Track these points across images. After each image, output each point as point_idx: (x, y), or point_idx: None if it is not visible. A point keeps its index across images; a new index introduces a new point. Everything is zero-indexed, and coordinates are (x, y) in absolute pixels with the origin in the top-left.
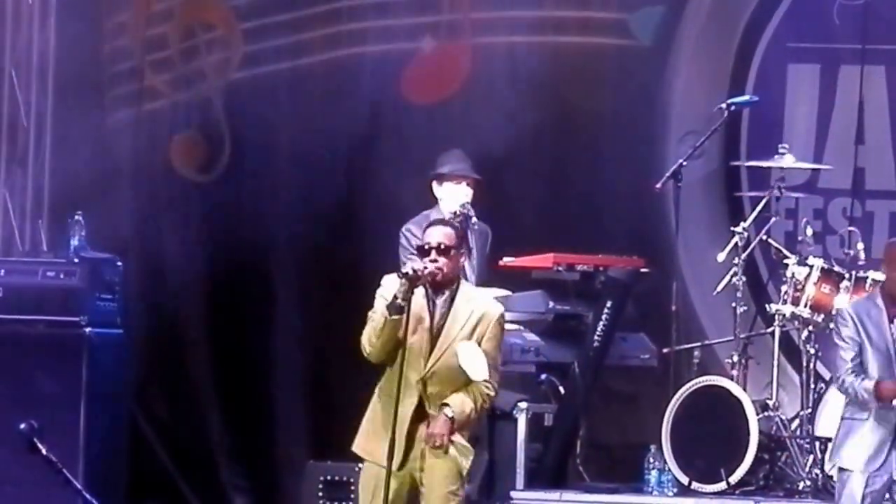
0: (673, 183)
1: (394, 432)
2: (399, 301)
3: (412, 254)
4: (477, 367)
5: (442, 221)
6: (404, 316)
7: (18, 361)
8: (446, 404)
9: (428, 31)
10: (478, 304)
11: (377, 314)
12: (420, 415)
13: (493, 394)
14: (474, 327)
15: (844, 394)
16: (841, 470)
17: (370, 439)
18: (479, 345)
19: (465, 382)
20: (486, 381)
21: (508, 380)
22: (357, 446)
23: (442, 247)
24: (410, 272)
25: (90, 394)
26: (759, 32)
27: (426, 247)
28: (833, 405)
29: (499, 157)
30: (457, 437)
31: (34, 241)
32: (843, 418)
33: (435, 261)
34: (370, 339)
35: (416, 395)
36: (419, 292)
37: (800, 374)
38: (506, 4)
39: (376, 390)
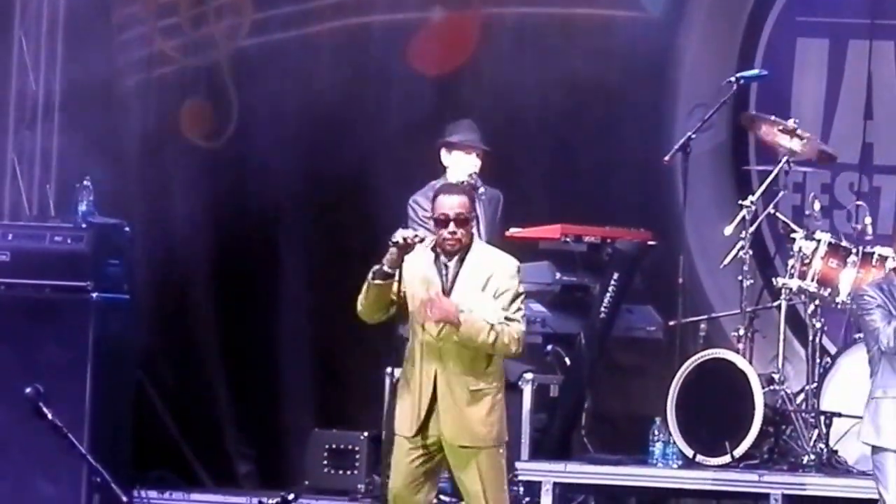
0: (681, 156)
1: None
2: (386, 268)
3: (419, 225)
4: (493, 319)
5: (453, 188)
6: (390, 281)
7: (25, 326)
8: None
9: (437, 1)
10: (489, 260)
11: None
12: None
13: (518, 336)
14: (486, 282)
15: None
16: (877, 450)
17: (399, 411)
18: (495, 299)
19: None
20: (517, 322)
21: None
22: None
23: (461, 217)
24: (400, 241)
25: (96, 358)
26: (769, 6)
27: (443, 217)
28: (839, 380)
29: (507, 128)
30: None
31: (42, 205)
32: (872, 398)
33: (454, 232)
34: (360, 300)
35: (436, 359)
36: (429, 258)
37: (805, 348)
38: None
39: (403, 364)
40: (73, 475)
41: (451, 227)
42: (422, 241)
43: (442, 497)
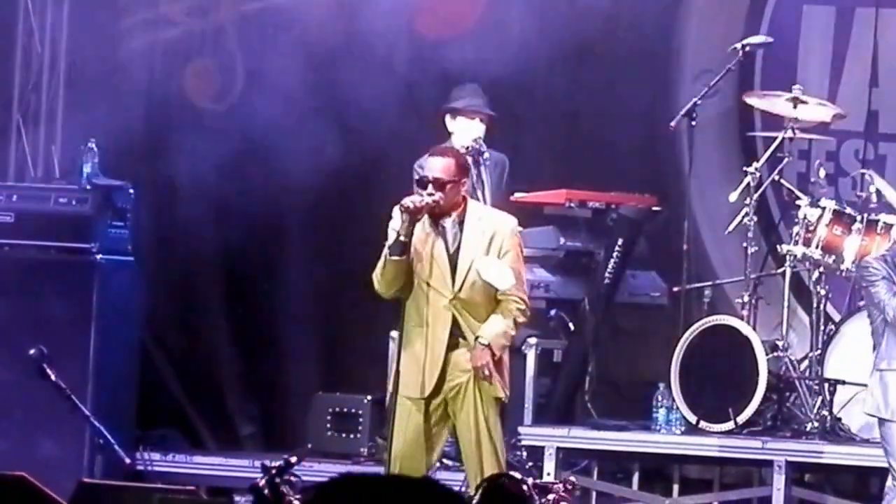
0: (687, 122)
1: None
2: (402, 237)
3: None
4: (502, 276)
5: (441, 151)
6: (407, 256)
7: (29, 287)
8: (478, 337)
9: None
10: (489, 220)
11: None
12: (454, 342)
13: (523, 306)
14: (489, 243)
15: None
16: (884, 422)
17: (405, 373)
18: (499, 258)
19: (493, 297)
20: (514, 296)
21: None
22: (394, 384)
23: (439, 181)
24: (410, 205)
25: (100, 320)
26: None
27: (423, 180)
28: (843, 347)
29: (512, 93)
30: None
31: (47, 167)
32: (877, 369)
33: (431, 194)
34: (377, 277)
35: (448, 321)
36: (425, 223)
37: (809, 315)
38: None
39: (403, 326)
40: (76, 436)
41: (429, 188)
42: (433, 203)
43: (446, 461)
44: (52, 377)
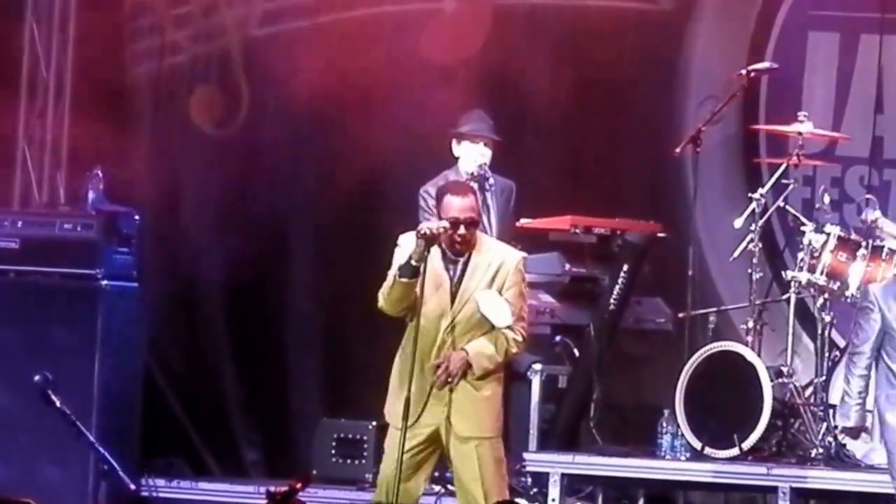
0: (692, 148)
1: (409, 389)
2: (413, 262)
3: (431, 215)
4: (500, 313)
5: (462, 190)
6: (416, 280)
7: (35, 313)
8: (464, 348)
9: None
10: (495, 253)
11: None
12: None
13: (520, 338)
14: (493, 276)
15: (847, 372)
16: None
17: (394, 402)
18: (501, 294)
19: (489, 331)
20: (512, 327)
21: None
22: (385, 412)
23: (469, 220)
24: (427, 232)
25: (105, 346)
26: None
27: (453, 220)
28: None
29: (518, 119)
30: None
31: (52, 193)
32: (877, 399)
33: (463, 235)
34: (384, 295)
35: (442, 351)
36: (436, 254)
37: (814, 341)
38: None
39: (399, 352)
40: (81, 462)
41: (461, 229)
42: (447, 230)
43: (434, 486)
44: (57, 403)
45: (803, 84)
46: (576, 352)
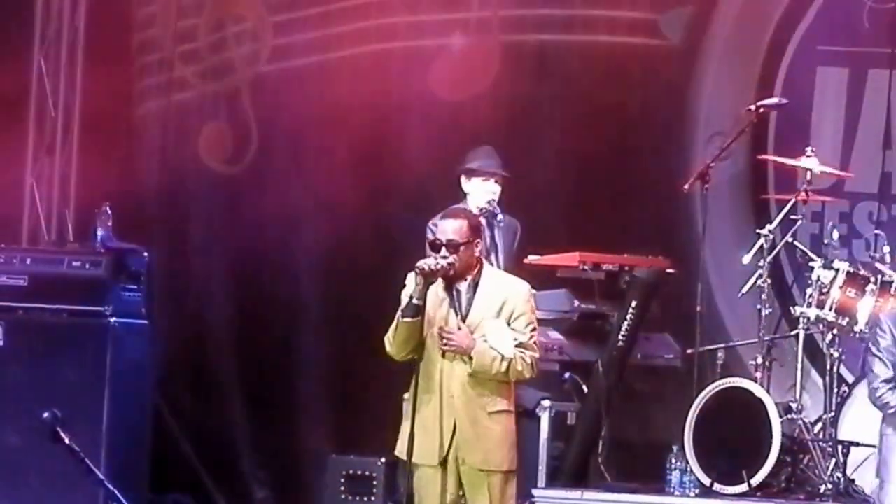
0: (700, 184)
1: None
2: (415, 301)
3: None
4: (503, 342)
5: (454, 213)
6: (420, 318)
7: (43, 350)
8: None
9: (457, 28)
10: (503, 285)
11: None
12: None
13: (528, 361)
14: (501, 307)
15: (880, 408)
16: (882, 484)
17: (419, 441)
18: (509, 325)
19: None
20: (523, 352)
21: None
22: (401, 451)
23: (452, 243)
24: (425, 268)
25: (114, 384)
26: (789, 34)
27: (436, 242)
28: (856, 409)
29: (526, 155)
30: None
31: (61, 230)
32: (883, 435)
33: (445, 257)
34: (389, 340)
35: (455, 383)
36: (439, 286)
37: (823, 377)
38: (535, 2)
39: (415, 391)
40: (90, 499)
41: (443, 251)
42: (448, 266)
43: None
44: (66, 440)
45: (812, 119)
46: (584, 388)
